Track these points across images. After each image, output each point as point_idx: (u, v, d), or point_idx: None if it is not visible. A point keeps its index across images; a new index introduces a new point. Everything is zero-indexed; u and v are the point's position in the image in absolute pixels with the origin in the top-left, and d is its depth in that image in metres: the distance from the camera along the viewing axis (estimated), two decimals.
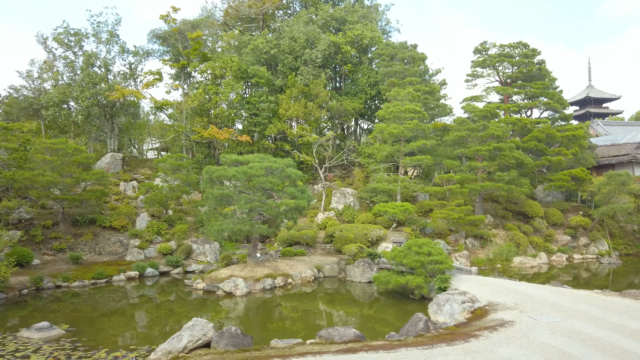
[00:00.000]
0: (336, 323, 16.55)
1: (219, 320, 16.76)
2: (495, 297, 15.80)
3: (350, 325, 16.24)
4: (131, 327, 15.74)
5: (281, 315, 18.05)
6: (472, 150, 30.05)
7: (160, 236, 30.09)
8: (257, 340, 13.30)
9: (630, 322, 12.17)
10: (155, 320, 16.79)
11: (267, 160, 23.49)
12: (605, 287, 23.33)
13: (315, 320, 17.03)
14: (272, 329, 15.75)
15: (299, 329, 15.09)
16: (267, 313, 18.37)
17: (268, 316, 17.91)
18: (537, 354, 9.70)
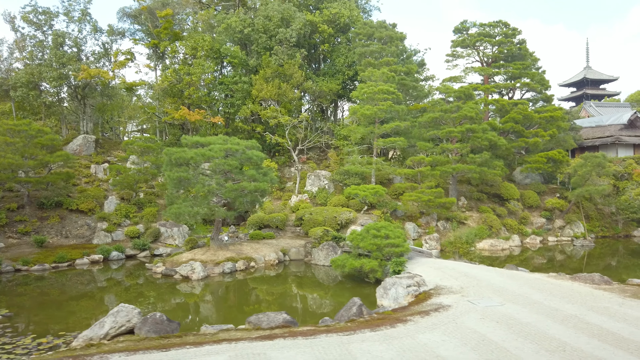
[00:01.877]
0: (281, 308, 16.31)
1: (161, 306, 16.51)
2: (445, 280, 15.57)
3: (296, 309, 16.06)
4: (70, 312, 15.45)
5: (228, 299, 17.80)
6: (444, 131, 29.62)
7: (128, 219, 29.73)
8: (188, 326, 13.07)
9: (568, 306, 11.95)
10: (97, 306, 16.48)
11: (230, 142, 23.02)
12: (575, 270, 23.24)
13: (260, 305, 16.79)
14: (211, 313, 15.53)
15: (239, 314, 14.83)
16: (215, 297, 18.11)
17: (213, 301, 17.65)
18: (456, 340, 9.46)
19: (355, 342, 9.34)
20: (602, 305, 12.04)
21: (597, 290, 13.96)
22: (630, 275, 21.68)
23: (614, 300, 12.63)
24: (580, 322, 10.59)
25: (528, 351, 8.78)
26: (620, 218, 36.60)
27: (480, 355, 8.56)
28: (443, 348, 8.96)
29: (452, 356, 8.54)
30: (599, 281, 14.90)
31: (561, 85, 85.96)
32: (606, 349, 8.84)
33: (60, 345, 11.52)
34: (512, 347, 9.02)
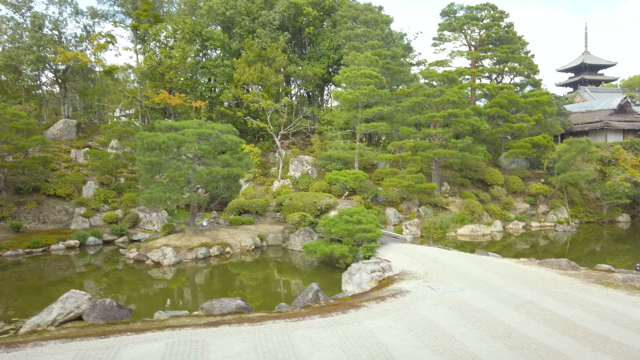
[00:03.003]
0: (244, 293, 16.19)
1: (122, 291, 16.34)
2: (412, 266, 15.40)
3: (259, 295, 15.92)
4: (31, 298, 15.25)
5: (193, 285, 17.62)
6: (427, 116, 29.27)
7: (107, 204, 29.43)
8: (142, 312, 12.89)
9: (527, 292, 11.80)
10: (57, 292, 16.26)
11: (204, 127, 22.65)
12: (554, 256, 23.13)
13: (225, 290, 16.63)
14: (171, 299, 15.39)
15: (200, 300, 14.66)
16: (181, 283, 17.94)
17: (178, 287, 17.47)
18: (403, 326, 9.29)
19: (300, 329, 9.16)
20: (562, 291, 11.90)
21: (561, 275, 13.82)
22: (606, 261, 21.61)
23: (576, 286, 12.49)
24: (534, 308, 10.44)
25: (473, 337, 8.61)
26: (605, 203, 36.51)
27: (423, 342, 8.39)
28: (387, 334, 8.78)
29: (393, 342, 8.37)
30: (566, 267, 14.76)
31: (559, 70, 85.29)
32: (553, 336, 8.68)
33: (9, 331, 11.30)
34: (458, 333, 8.85)
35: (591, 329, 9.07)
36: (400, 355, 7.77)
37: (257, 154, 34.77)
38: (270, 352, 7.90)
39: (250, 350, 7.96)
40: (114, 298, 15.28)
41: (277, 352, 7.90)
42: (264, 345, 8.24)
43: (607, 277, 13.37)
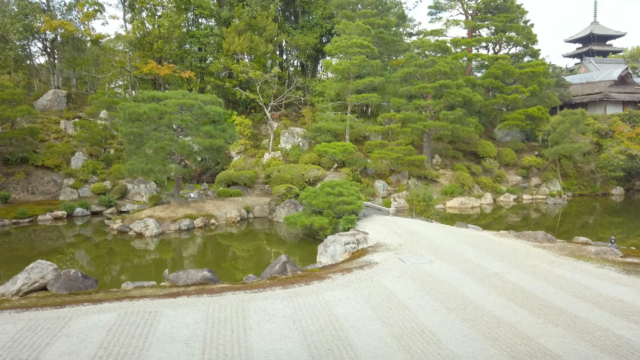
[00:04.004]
0: (219, 264, 16.32)
1: (96, 261, 16.40)
2: (388, 238, 15.33)
3: (232, 266, 15.97)
4: (3, 267, 15.33)
5: (169, 256, 17.66)
6: (418, 87, 28.76)
7: (96, 176, 29.40)
8: (111, 283, 12.94)
9: (496, 264, 11.73)
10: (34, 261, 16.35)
11: (188, 97, 22.34)
12: (547, 228, 23.11)
13: (200, 261, 16.70)
14: (144, 270, 15.45)
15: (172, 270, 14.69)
16: (158, 254, 18.00)
17: (155, 257, 17.53)
18: (361, 297, 9.25)
19: (257, 300, 9.14)
20: (531, 263, 11.82)
21: (535, 248, 13.74)
22: (590, 234, 21.56)
23: (547, 258, 12.41)
24: (499, 280, 10.37)
25: (428, 309, 8.57)
26: (599, 176, 36.23)
27: (376, 314, 8.35)
28: (342, 306, 8.75)
29: (346, 314, 8.33)
30: (542, 239, 14.66)
31: (567, 41, 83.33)
32: (509, 308, 8.62)
33: None
34: (414, 305, 8.81)
35: (550, 301, 9.01)
36: (350, 327, 7.74)
37: (248, 126, 34.44)
38: (220, 323, 7.89)
39: (200, 322, 7.94)
40: (87, 268, 15.39)
41: (226, 323, 7.88)
42: (215, 316, 8.22)
43: (581, 249, 13.28)
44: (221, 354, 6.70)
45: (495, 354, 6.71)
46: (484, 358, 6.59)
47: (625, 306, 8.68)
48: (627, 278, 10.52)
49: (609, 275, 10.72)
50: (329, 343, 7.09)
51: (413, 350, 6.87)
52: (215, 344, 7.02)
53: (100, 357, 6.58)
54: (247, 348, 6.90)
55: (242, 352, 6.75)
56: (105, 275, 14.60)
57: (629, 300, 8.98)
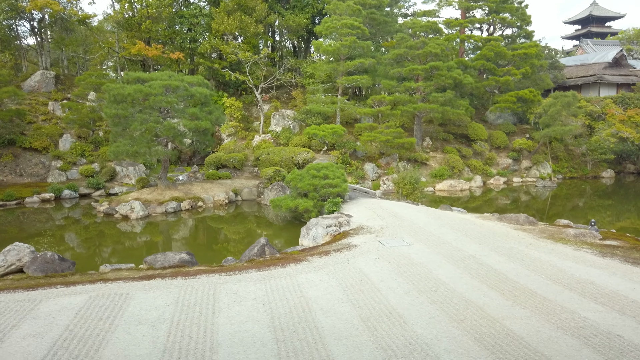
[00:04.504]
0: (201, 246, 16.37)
1: (78, 244, 16.40)
2: (371, 221, 15.35)
3: (214, 248, 16.00)
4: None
5: (153, 239, 17.66)
6: (408, 69, 28.51)
7: (84, 158, 29.24)
8: (89, 265, 12.94)
9: (474, 247, 11.77)
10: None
11: (173, 79, 22.08)
12: (535, 210, 23.21)
13: (183, 244, 16.73)
14: (125, 252, 15.47)
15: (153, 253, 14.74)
16: (142, 237, 17.99)
17: (138, 240, 17.52)
18: (334, 280, 9.27)
19: (230, 283, 9.15)
20: (509, 246, 11.87)
21: (515, 230, 13.79)
22: (577, 216, 21.67)
23: (526, 241, 12.46)
24: (474, 262, 10.42)
25: (399, 291, 8.60)
26: (590, 159, 36.27)
27: (347, 296, 8.38)
28: (314, 288, 8.77)
29: (317, 296, 8.36)
30: (524, 222, 14.71)
31: (566, 22, 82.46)
32: (480, 290, 8.66)
33: None
34: (386, 287, 8.85)
35: (522, 283, 9.06)
36: (319, 309, 7.76)
37: (238, 108, 34.18)
38: (189, 305, 7.90)
39: (170, 304, 7.95)
40: (69, 251, 15.39)
41: (196, 305, 7.90)
42: (186, 298, 8.23)
43: (561, 232, 13.33)
44: (186, 336, 6.72)
45: (459, 336, 6.75)
46: (448, 340, 6.64)
47: (596, 288, 8.73)
48: (601, 260, 10.58)
49: (585, 258, 10.78)
50: (295, 325, 7.12)
51: (378, 332, 6.90)
52: (182, 327, 7.04)
53: (65, 340, 6.59)
54: (212, 330, 6.92)
55: (207, 335, 6.78)
56: (86, 258, 14.61)
57: (600, 283, 9.04)
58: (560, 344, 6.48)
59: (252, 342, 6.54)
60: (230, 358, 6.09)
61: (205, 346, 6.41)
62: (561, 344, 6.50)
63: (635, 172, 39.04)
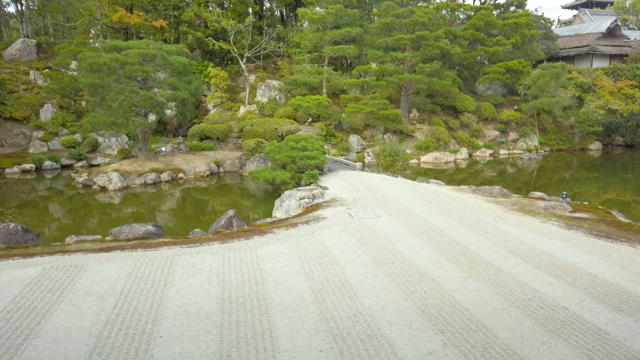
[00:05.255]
0: (172, 218, 16.32)
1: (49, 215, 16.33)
2: (346, 193, 15.28)
3: (186, 220, 15.98)
4: None
5: (127, 210, 17.59)
6: (394, 39, 27.96)
7: (66, 128, 28.87)
8: (57, 237, 12.88)
9: (442, 219, 11.75)
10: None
11: (152, 47, 21.60)
12: (522, 183, 23.23)
13: (155, 215, 16.68)
14: (95, 224, 15.41)
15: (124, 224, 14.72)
16: (116, 208, 17.90)
17: (110, 211, 17.42)
18: (294, 252, 9.25)
19: (190, 255, 9.12)
20: (477, 218, 11.86)
21: (487, 203, 13.78)
22: (556, 190, 21.70)
23: (495, 213, 12.45)
24: (439, 234, 10.41)
25: (357, 264, 8.60)
26: (577, 131, 36.15)
27: (303, 268, 8.37)
28: (272, 260, 8.76)
29: (273, 268, 8.35)
30: (497, 194, 14.69)
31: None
32: (438, 262, 8.67)
33: None
34: (345, 259, 8.84)
35: (481, 255, 9.07)
36: (272, 281, 7.75)
37: (224, 78, 33.63)
38: (142, 277, 7.87)
39: (123, 276, 7.91)
40: (38, 222, 15.32)
41: (149, 278, 7.87)
42: (141, 270, 8.20)
43: (532, 205, 13.33)
44: (132, 308, 6.70)
45: (405, 308, 6.76)
46: (393, 312, 6.65)
47: (553, 261, 8.75)
48: (565, 233, 10.60)
49: (550, 230, 10.79)
50: (244, 297, 7.11)
51: (326, 303, 6.91)
52: (130, 299, 7.01)
53: (9, 311, 6.55)
54: (160, 303, 6.90)
55: (153, 307, 6.76)
56: (54, 229, 14.55)
57: (559, 255, 9.06)
58: (504, 316, 6.51)
59: (197, 315, 6.53)
60: (172, 330, 6.08)
61: (149, 318, 6.40)
62: (505, 316, 6.53)
63: (623, 145, 39.02)
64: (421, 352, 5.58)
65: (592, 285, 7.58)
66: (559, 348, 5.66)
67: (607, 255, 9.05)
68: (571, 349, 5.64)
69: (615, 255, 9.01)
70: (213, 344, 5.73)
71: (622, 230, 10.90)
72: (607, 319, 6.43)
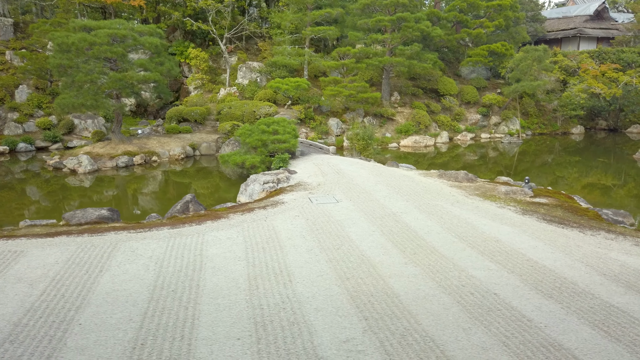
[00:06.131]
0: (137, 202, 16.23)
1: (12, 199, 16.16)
2: (313, 177, 15.20)
3: (151, 204, 15.86)
4: None
5: (91, 194, 17.38)
6: (374, 20, 27.58)
7: (41, 110, 28.41)
8: (12, 221, 12.74)
9: (400, 204, 11.71)
10: None
11: (123, 27, 21.15)
12: (504, 167, 23.25)
13: (119, 199, 16.57)
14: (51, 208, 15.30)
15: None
16: (79, 191, 17.70)
17: (71, 194, 17.24)
18: (242, 238, 9.18)
19: (134, 240, 9.02)
20: (435, 203, 11.83)
21: (450, 187, 13.75)
22: (524, 174, 21.74)
23: (454, 198, 12.43)
24: (392, 220, 10.38)
25: (301, 249, 8.55)
26: (560, 115, 36.13)
27: (246, 254, 8.31)
28: (217, 246, 8.69)
29: (216, 254, 8.28)
30: (462, 179, 14.66)
31: None
32: (383, 248, 8.64)
33: None
34: (290, 245, 8.79)
35: (428, 241, 9.06)
36: (211, 267, 7.69)
37: (204, 59, 33.16)
38: (80, 264, 7.77)
39: (60, 262, 7.81)
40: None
41: (86, 264, 7.77)
42: (80, 256, 8.10)
43: (494, 189, 13.32)
44: (59, 295, 6.62)
45: (336, 294, 6.74)
46: (323, 298, 6.62)
47: (499, 246, 8.76)
48: (519, 218, 10.60)
49: (504, 216, 10.79)
50: (177, 284, 7.05)
51: (259, 290, 6.86)
52: (60, 285, 6.93)
53: None
54: (90, 289, 6.82)
55: (81, 294, 6.68)
56: (9, 213, 14.38)
57: (506, 241, 9.06)
58: (433, 303, 6.50)
59: (125, 302, 6.46)
60: (93, 318, 6.01)
61: (74, 305, 6.32)
62: (434, 302, 6.52)
63: (606, 129, 39.12)
64: (339, 339, 5.56)
65: (530, 271, 7.59)
66: (478, 335, 5.66)
67: (553, 241, 9.06)
68: (489, 336, 5.65)
69: (562, 241, 9.03)
70: (131, 332, 5.68)
71: (577, 216, 10.92)
72: (535, 305, 6.44)
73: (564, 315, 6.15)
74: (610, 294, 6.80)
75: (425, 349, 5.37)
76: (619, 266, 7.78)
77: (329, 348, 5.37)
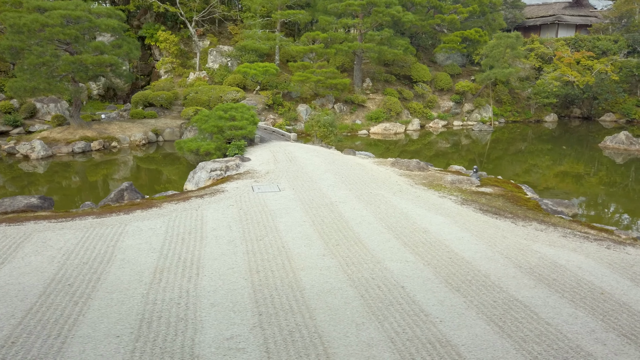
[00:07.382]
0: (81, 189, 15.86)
1: None
2: (264, 165, 14.92)
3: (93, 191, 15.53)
4: None
5: (32, 181, 16.93)
6: (344, 4, 27.10)
7: (3, 93, 27.61)
8: None
9: (341, 193, 11.52)
10: None
11: (79, 8, 20.48)
12: (478, 155, 23.13)
13: (62, 187, 16.17)
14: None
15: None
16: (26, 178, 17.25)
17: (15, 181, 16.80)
18: (165, 227, 8.92)
19: (52, 230, 8.72)
20: (377, 192, 11.66)
21: (399, 176, 13.59)
22: (483, 163, 21.68)
23: (399, 187, 12.28)
24: (327, 210, 10.18)
25: (223, 240, 8.33)
26: (533, 102, 36.12)
27: (163, 245, 8.06)
28: (135, 237, 8.42)
29: (130, 245, 8.02)
30: (414, 167, 14.50)
31: None
32: (308, 239, 8.44)
33: None
34: (213, 236, 8.56)
35: (356, 231, 8.88)
36: (121, 259, 7.44)
37: (174, 43, 32.41)
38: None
39: None
40: None
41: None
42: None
43: (442, 178, 13.19)
44: None
45: (239, 288, 6.53)
46: (225, 292, 6.41)
47: (425, 237, 8.61)
48: (456, 208, 10.48)
49: (442, 206, 10.66)
50: (77, 277, 6.78)
51: (161, 284, 6.64)
52: None
53: None
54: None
55: None
56: None
57: (434, 231, 8.93)
58: (336, 297, 6.33)
59: (14, 297, 6.19)
60: None
61: None
62: (337, 296, 6.35)
63: (580, 117, 39.23)
64: (224, 336, 5.36)
65: (447, 263, 7.46)
66: (368, 331, 5.50)
67: (482, 232, 8.94)
68: (380, 331, 5.49)
69: (490, 232, 8.92)
70: (7, 329, 5.42)
71: (516, 206, 10.83)
72: (438, 299, 6.31)
73: (464, 310, 6.02)
74: (519, 287, 6.69)
75: (308, 345, 5.20)
76: (538, 258, 7.68)
77: (209, 346, 5.17)
